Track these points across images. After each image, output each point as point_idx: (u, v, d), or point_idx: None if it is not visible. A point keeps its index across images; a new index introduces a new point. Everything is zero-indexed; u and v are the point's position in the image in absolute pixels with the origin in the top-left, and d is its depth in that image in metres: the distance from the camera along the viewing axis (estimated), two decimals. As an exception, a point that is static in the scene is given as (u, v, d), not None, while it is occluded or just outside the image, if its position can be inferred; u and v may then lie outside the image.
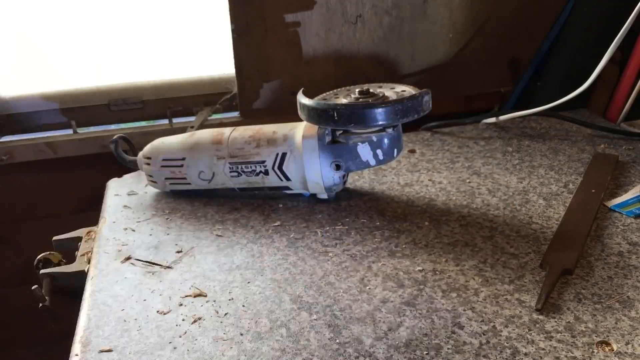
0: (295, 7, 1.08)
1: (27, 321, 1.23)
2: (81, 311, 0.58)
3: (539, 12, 1.17)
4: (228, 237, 0.69)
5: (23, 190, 1.13)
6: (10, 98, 1.10)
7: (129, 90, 1.14)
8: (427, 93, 0.67)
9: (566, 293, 0.56)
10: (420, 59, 1.19)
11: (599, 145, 0.90)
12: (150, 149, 0.79)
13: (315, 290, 0.58)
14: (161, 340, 0.52)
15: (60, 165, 1.12)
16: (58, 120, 1.13)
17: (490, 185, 0.79)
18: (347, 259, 0.63)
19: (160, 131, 1.12)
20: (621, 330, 0.50)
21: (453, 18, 1.16)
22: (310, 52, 1.12)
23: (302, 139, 0.71)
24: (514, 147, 0.91)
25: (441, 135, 0.98)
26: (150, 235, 0.71)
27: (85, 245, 0.73)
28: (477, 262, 0.61)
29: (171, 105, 1.16)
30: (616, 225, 0.67)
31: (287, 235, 0.69)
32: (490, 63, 1.22)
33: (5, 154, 1.07)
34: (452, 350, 0.49)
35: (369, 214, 0.73)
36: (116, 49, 1.11)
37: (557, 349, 0.49)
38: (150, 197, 0.82)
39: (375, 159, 0.70)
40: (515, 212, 0.71)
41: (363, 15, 1.11)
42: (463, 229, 0.68)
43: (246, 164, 0.73)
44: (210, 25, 1.12)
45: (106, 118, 1.15)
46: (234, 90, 1.15)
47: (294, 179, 0.73)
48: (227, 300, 0.58)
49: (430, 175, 0.83)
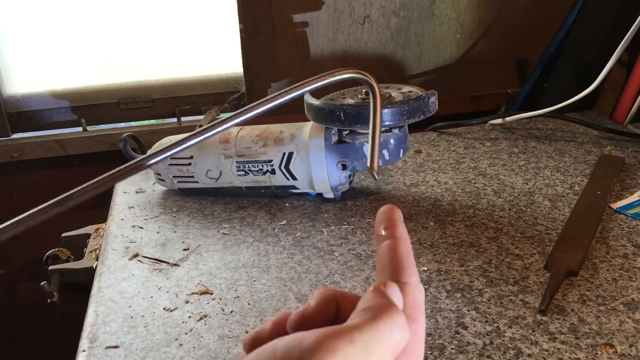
0: (303, 8, 1.08)
1: (36, 316, 1.24)
2: (89, 307, 0.59)
3: (547, 13, 1.17)
4: (234, 236, 0.70)
5: (33, 186, 1.14)
6: (21, 96, 1.11)
7: (139, 89, 1.15)
8: (433, 94, 0.67)
9: (570, 295, 0.56)
10: (427, 60, 1.19)
11: (605, 147, 0.90)
12: (158, 147, 0.80)
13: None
14: (167, 337, 0.53)
15: (70, 163, 1.13)
16: (68, 118, 1.14)
17: (495, 186, 0.79)
18: (352, 258, 0.64)
19: (169, 130, 1.13)
20: (625, 332, 0.51)
21: (460, 19, 1.16)
22: (318, 52, 1.12)
23: (308, 138, 0.71)
24: (520, 148, 0.91)
25: (447, 135, 0.98)
26: (157, 233, 0.72)
27: (93, 242, 0.74)
28: (482, 263, 0.62)
29: (180, 104, 1.17)
30: (621, 227, 0.67)
31: (293, 234, 0.69)
32: (497, 64, 1.22)
33: (15, 151, 1.08)
34: (455, 351, 0.49)
35: (375, 214, 0.73)
36: (126, 48, 1.12)
37: (560, 350, 0.49)
38: (158, 195, 0.82)
39: (382, 159, 0.71)
40: (521, 213, 0.72)
41: (371, 16, 1.12)
42: (468, 230, 0.68)
43: (253, 163, 0.74)
44: (218, 25, 1.13)
45: (116, 116, 1.16)
46: (242, 89, 1.16)
47: (300, 178, 0.74)
48: (233, 298, 0.58)
49: (436, 175, 0.83)
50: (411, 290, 0.26)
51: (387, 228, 0.28)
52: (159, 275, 0.63)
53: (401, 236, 0.28)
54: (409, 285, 0.26)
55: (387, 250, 0.27)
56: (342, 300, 0.27)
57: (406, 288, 0.26)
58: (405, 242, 0.28)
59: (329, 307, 0.26)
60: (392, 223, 0.28)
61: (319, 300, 0.26)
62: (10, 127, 1.10)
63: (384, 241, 0.28)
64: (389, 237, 0.28)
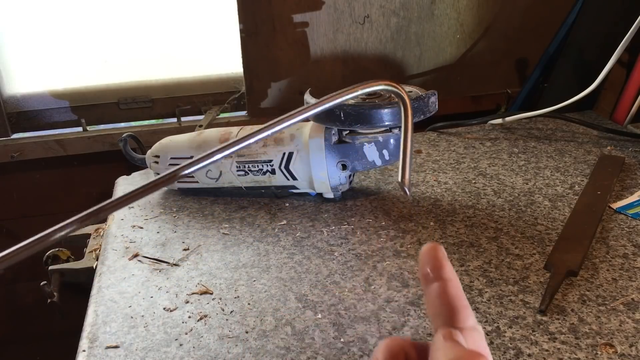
0: (303, 8, 1.08)
1: (36, 316, 1.25)
2: (89, 307, 0.59)
3: (547, 13, 1.17)
4: (234, 236, 0.70)
5: (33, 187, 1.14)
6: (21, 96, 1.11)
7: (139, 89, 1.15)
8: (433, 94, 0.67)
9: (570, 295, 0.56)
10: (427, 60, 1.19)
11: (605, 147, 0.90)
12: (158, 147, 0.80)
13: (320, 289, 0.59)
14: (167, 337, 0.53)
15: (70, 163, 1.13)
16: (68, 118, 1.14)
17: (495, 186, 0.79)
18: (352, 258, 0.64)
19: (169, 130, 1.13)
20: (625, 332, 0.51)
21: (460, 19, 1.16)
22: (318, 52, 1.12)
23: (308, 138, 0.71)
24: (520, 148, 0.91)
25: (447, 135, 0.98)
26: (157, 233, 0.72)
27: (93, 242, 0.74)
28: (482, 263, 0.62)
29: (180, 104, 1.17)
30: (621, 227, 0.67)
31: (293, 234, 0.70)
32: (497, 64, 1.22)
33: (15, 151, 1.08)
34: (455, 350, 0.49)
35: (375, 214, 0.73)
36: (126, 48, 1.12)
37: (560, 350, 0.49)
38: (158, 195, 0.82)
39: (382, 159, 0.71)
40: (521, 213, 0.72)
41: (371, 16, 1.12)
42: (468, 230, 0.68)
43: (253, 163, 0.74)
44: (219, 25, 1.13)
45: (116, 116, 1.16)
46: (242, 89, 1.16)
47: (300, 178, 0.74)
48: (233, 298, 0.58)
49: (436, 175, 0.83)
50: (470, 334, 0.26)
51: (433, 269, 0.27)
52: (159, 275, 0.63)
53: (449, 278, 0.27)
54: (467, 330, 0.26)
55: (439, 294, 0.27)
56: (409, 350, 0.26)
57: (465, 333, 0.26)
58: (455, 283, 0.27)
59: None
60: (438, 264, 0.27)
61: (387, 355, 0.26)
62: (10, 127, 1.10)
63: (432, 283, 0.27)
64: (437, 279, 0.27)
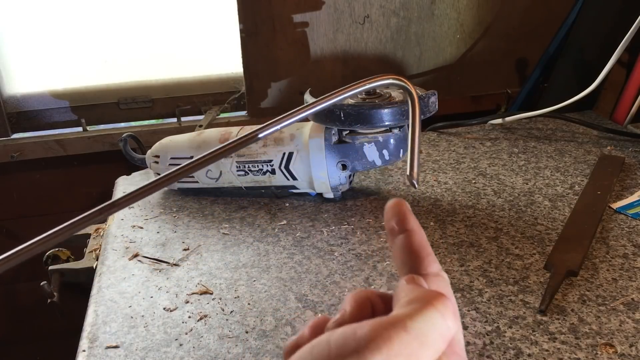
0: (303, 8, 1.08)
1: (36, 316, 1.25)
2: (89, 307, 0.59)
3: (547, 13, 1.17)
4: (234, 236, 0.70)
5: (33, 186, 1.14)
6: (21, 96, 1.11)
7: (139, 89, 1.15)
8: (433, 94, 0.67)
9: (570, 295, 0.56)
10: (427, 60, 1.19)
11: (605, 147, 0.90)
12: (158, 147, 0.80)
13: (320, 289, 0.59)
14: (167, 337, 0.53)
15: (70, 163, 1.13)
16: (68, 118, 1.14)
17: (495, 186, 0.79)
18: (352, 258, 0.64)
19: (169, 130, 1.13)
20: (625, 332, 0.51)
21: (460, 19, 1.16)
22: (318, 52, 1.12)
23: (308, 138, 0.71)
24: (520, 148, 0.91)
25: (447, 135, 0.98)
26: (157, 233, 0.72)
27: (93, 242, 0.74)
28: (482, 263, 0.62)
29: (180, 104, 1.17)
30: (621, 227, 0.67)
31: (293, 234, 0.70)
32: (497, 64, 1.22)
33: (15, 151, 1.08)
34: (455, 350, 0.49)
35: (375, 214, 0.73)
36: (126, 48, 1.12)
37: (560, 350, 0.49)
38: (158, 195, 0.82)
39: (382, 159, 0.71)
40: (521, 213, 0.72)
41: (371, 16, 1.12)
42: (468, 230, 0.68)
43: (253, 163, 0.74)
44: (219, 25, 1.13)
45: (116, 116, 1.16)
46: (242, 89, 1.16)
47: (300, 178, 0.74)
48: (233, 298, 0.58)
49: (436, 175, 0.83)
50: (434, 280, 0.27)
51: (398, 222, 0.28)
52: (159, 275, 0.63)
53: (413, 228, 0.28)
54: (431, 276, 0.27)
55: (403, 245, 0.27)
56: (375, 300, 0.27)
57: (428, 279, 0.27)
58: (419, 233, 0.28)
59: (365, 310, 0.26)
60: (402, 216, 0.28)
61: (353, 304, 0.26)
62: (10, 127, 1.10)
63: (398, 236, 0.28)
64: (402, 231, 0.28)
